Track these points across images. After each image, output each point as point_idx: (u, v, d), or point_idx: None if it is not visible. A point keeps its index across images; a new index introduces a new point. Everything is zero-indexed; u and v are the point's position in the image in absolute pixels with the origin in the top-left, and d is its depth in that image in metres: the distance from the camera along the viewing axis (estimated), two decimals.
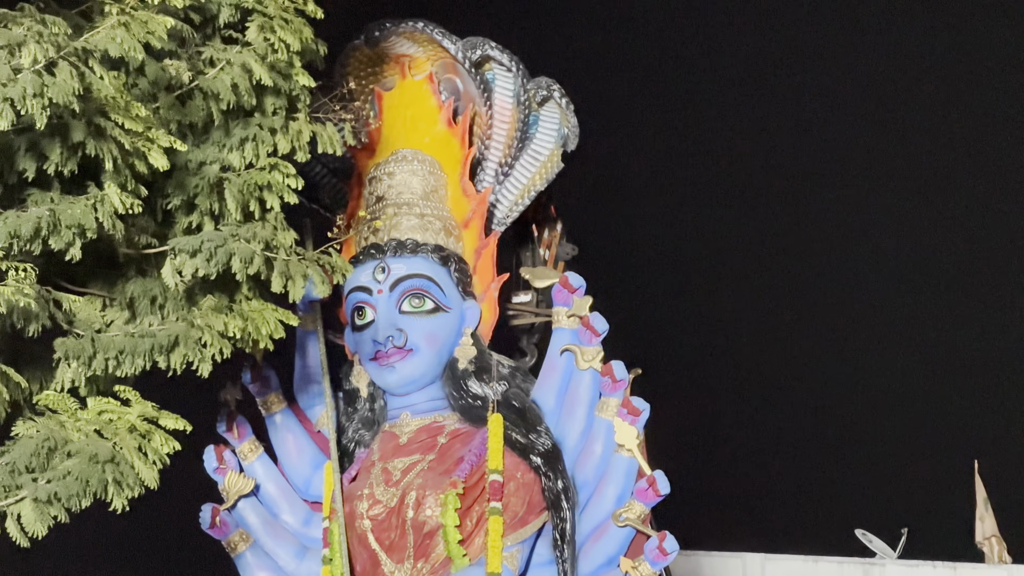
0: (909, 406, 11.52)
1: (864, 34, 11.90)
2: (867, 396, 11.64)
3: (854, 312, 11.75)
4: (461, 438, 7.30)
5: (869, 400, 11.64)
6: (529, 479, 7.16)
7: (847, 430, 11.57)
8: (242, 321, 6.01)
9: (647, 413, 7.22)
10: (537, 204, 7.99)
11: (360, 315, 7.46)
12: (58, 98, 5.27)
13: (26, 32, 5.36)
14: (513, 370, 7.49)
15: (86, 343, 5.82)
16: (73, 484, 5.40)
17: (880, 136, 11.83)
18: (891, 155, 11.85)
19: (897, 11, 11.80)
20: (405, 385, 7.39)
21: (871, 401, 11.63)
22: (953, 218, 11.75)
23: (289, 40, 6.12)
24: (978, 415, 11.28)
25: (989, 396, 11.42)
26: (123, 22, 5.60)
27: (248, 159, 6.16)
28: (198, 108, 6.13)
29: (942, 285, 11.70)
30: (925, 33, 11.80)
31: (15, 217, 5.49)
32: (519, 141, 7.80)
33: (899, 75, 11.83)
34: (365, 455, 7.44)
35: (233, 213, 6.04)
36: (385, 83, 7.99)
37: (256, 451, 7.62)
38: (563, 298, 7.45)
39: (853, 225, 11.89)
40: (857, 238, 11.89)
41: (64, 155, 5.51)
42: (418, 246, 7.41)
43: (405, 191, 7.57)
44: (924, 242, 11.75)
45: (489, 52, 7.77)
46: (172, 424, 5.66)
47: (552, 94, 7.86)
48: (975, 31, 11.80)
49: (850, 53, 11.86)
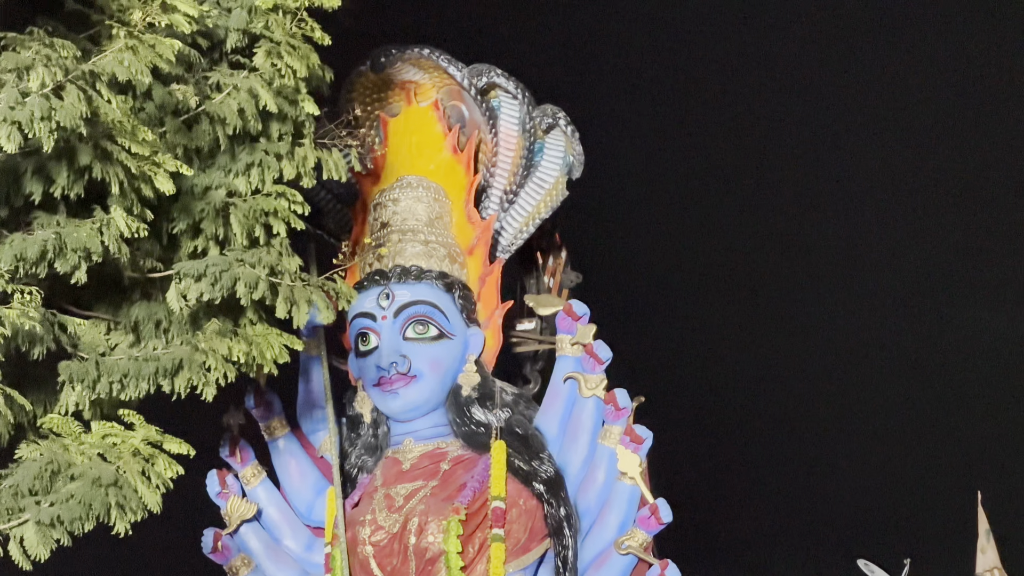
0: (912, 436, 11.50)
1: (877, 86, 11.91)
2: (871, 425, 11.62)
3: (858, 341, 11.73)
4: (464, 464, 7.30)
5: (872, 430, 11.62)
6: (532, 506, 7.16)
7: (850, 459, 11.55)
8: (246, 345, 6.01)
9: (650, 441, 7.21)
10: (541, 232, 7.99)
11: (364, 341, 7.46)
12: (65, 121, 5.28)
13: (34, 56, 5.38)
14: (516, 397, 7.49)
15: (90, 366, 5.83)
16: (76, 507, 5.39)
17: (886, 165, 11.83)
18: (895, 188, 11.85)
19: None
20: (408, 411, 7.38)
21: (874, 431, 11.61)
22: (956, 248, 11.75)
23: (296, 66, 6.13)
24: (981, 446, 11.25)
25: (993, 427, 11.41)
26: (131, 46, 5.61)
27: (254, 184, 6.17)
28: (204, 133, 6.14)
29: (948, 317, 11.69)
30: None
31: (21, 240, 5.50)
32: (524, 169, 7.81)
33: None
34: (368, 481, 7.44)
35: (239, 238, 6.06)
36: (390, 109, 8.00)
37: (259, 476, 7.61)
38: (567, 326, 7.45)
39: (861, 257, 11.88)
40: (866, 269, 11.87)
41: (71, 178, 5.51)
42: (422, 273, 7.42)
43: (410, 217, 7.57)
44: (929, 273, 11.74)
45: (495, 79, 7.79)
46: (176, 448, 5.66)
47: (557, 122, 7.87)
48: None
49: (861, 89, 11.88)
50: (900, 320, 11.76)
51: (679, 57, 11.60)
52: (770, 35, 11.75)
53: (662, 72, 11.61)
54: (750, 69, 11.73)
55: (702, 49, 11.69)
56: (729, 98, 11.75)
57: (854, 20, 11.73)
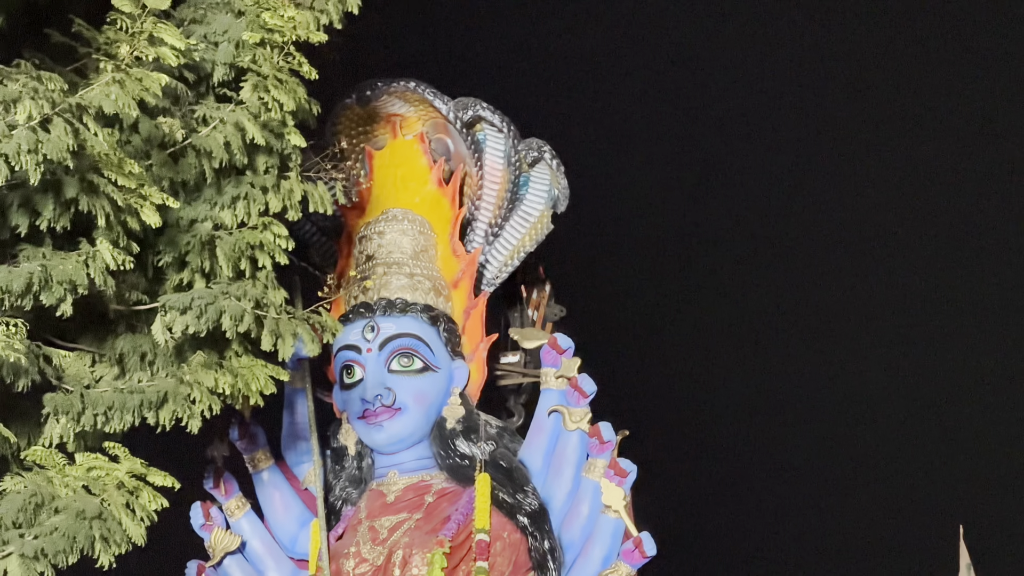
0: (894, 470, 11.51)
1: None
2: (853, 459, 11.63)
3: (844, 377, 11.75)
4: (448, 497, 7.30)
5: (855, 463, 11.63)
6: (516, 539, 7.16)
7: (833, 493, 11.55)
8: (232, 377, 6.02)
9: (634, 474, 7.22)
10: (526, 265, 8.01)
11: (349, 373, 7.46)
12: (52, 154, 5.28)
13: (21, 88, 5.38)
14: (501, 430, 7.49)
15: (75, 398, 5.82)
16: (60, 540, 5.37)
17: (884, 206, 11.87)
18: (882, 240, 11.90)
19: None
20: (393, 444, 7.38)
21: (857, 464, 11.62)
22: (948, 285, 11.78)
23: (283, 100, 6.14)
24: (964, 481, 11.27)
25: (975, 462, 11.42)
26: (118, 79, 5.62)
27: (240, 217, 6.18)
28: (191, 166, 6.15)
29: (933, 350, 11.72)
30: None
31: (7, 272, 5.49)
32: (509, 202, 7.82)
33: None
34: (352, 513, 7.43)
35: (224, 271, 6.06)
36: (376, 142, 8.01)
37: (243, 508, 7.60)
38: (551, 359, 7.46)
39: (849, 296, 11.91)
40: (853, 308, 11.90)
41: (57, 211, 5.52)
42: (407, 305, 7.43)
43: (395, 250, 7.59)
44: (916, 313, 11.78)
45: (480, 112, 7.80)
46: (160, 481, 5.65)
47: (543, 155, 7.90)
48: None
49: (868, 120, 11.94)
50: (885, 358, 11.79)
51: (664, 92, 11.65)
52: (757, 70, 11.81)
53: (647, 106, 11.65)
54: (737, 105, 11.77)
55: (688, 83, 11.74)
56: (715, 133, 11.79)
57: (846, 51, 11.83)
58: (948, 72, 11.75)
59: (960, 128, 11.81)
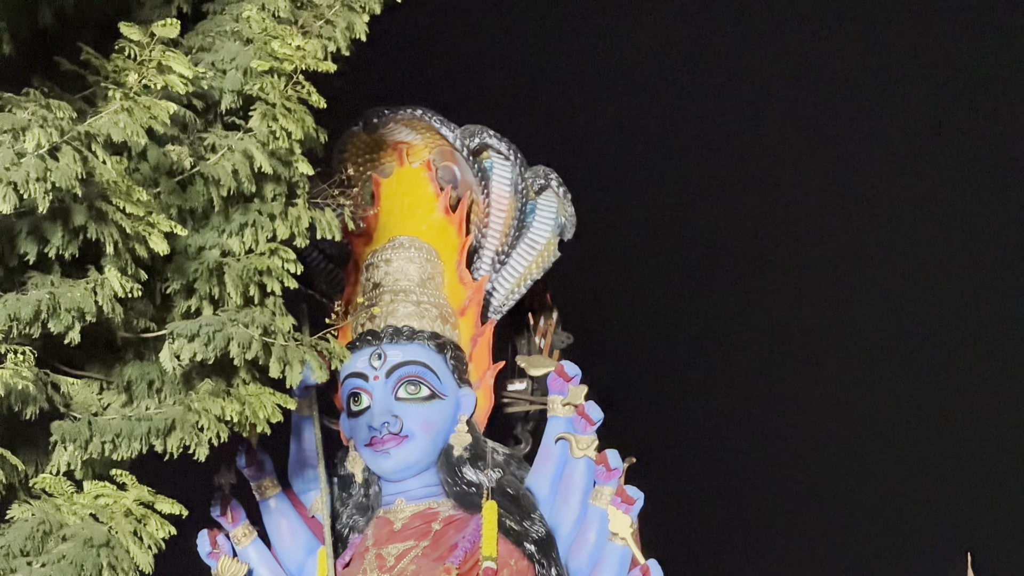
0: (902, 496, 11.49)
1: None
2: (860, 487, 11.60)
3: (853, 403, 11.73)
4: (455, 524, 7.29)
5: (863, 491, 11.60)
6: (523, 566, 7.15)
7: (841, 519, 11.53)
8: (239, 405, 6.02)
9: (641, 502, 7.21)
10: (533, 292, 8.01)
11: (356, 401, 7.46)
12: (61, 182, 5.29)
13: (30, 116, 5.40)
14: (508, 457, 7.49)
15: (83, 426, 5.82)
16: (68, 568, 5.37)
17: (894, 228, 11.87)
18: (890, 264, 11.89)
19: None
20: (400, 471, 7.37)
21: (865, 492, 11.60)
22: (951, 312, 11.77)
23: (291, 128, 6.14)
24: (972, 507, 11.25)
25: (983, 487, 11.40)
26: (127, 107, 5.63)
27: (248, 244, 6.18)
28: (199, 193, 6.15)
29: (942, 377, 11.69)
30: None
31: (15, 300, 5.50)
32: (516, 230, 7.82)
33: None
34: (359, 541, 7.42)
35: (233, 298, 6.07)
36: (383, 170, 8.02)
37: (250, 536, 7.59)
38: (558, 387, 7.46)
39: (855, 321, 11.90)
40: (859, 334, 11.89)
41: (65, 239, 5.53)
42: (414, 333, 7.43)
43: (402, 278, 7.59)
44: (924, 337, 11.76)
45: (487, 140, 7.81)
46: (168, 508, 5.66)
47: (550, 183, 7.90)
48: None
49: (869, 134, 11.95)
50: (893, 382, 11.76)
51: (672, 117, 11.65)
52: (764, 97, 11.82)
53: (654, 132, 11.66)
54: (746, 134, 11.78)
55: (695, 108, 11.75)
56: (723, 158, 11.80)
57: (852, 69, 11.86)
58: (950, 75, 11.76)
59: (966, 129, 11.79)
